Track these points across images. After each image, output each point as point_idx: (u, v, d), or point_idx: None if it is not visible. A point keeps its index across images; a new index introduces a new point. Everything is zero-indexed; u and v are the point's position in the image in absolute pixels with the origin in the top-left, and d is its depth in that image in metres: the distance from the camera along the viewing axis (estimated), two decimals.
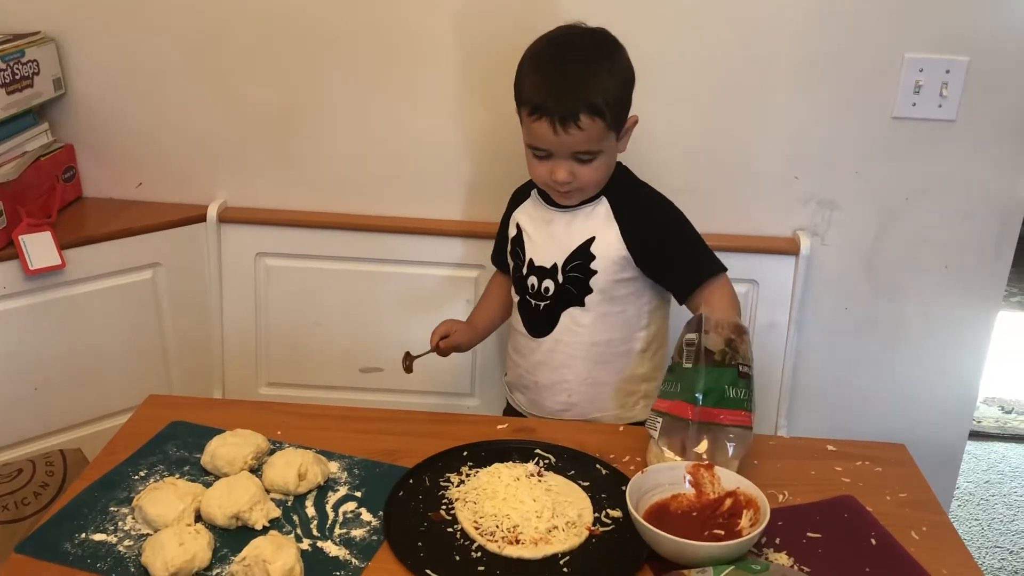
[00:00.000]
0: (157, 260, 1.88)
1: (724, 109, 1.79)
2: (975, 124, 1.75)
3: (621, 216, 1.45)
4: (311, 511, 1.18)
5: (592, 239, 1.45)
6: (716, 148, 1.82)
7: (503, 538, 1.11)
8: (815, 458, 1.32)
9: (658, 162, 1.67)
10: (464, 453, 1.29)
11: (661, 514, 1.13)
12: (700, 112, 1.80)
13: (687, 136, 1.81)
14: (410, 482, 1.22)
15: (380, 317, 1.96)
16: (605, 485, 1.22)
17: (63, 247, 1.73)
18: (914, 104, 1.74)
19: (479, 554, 1.10)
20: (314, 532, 1.14)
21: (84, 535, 1.13)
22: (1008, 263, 1.85)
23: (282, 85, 1.85)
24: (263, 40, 1.82)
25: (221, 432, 1.28)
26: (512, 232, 1.56)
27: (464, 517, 1.15)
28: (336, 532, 1.14)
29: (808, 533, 1.15)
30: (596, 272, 1.45)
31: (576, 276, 1.46)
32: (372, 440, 1.32)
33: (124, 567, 1.08)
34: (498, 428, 1.37)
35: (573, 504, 1.17)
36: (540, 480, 1.21)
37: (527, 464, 1.25)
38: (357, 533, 1.14)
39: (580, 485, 1.22)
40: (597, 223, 1.46)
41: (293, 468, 1.20)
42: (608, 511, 1.17)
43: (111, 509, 1.17)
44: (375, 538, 1.13)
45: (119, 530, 1.14)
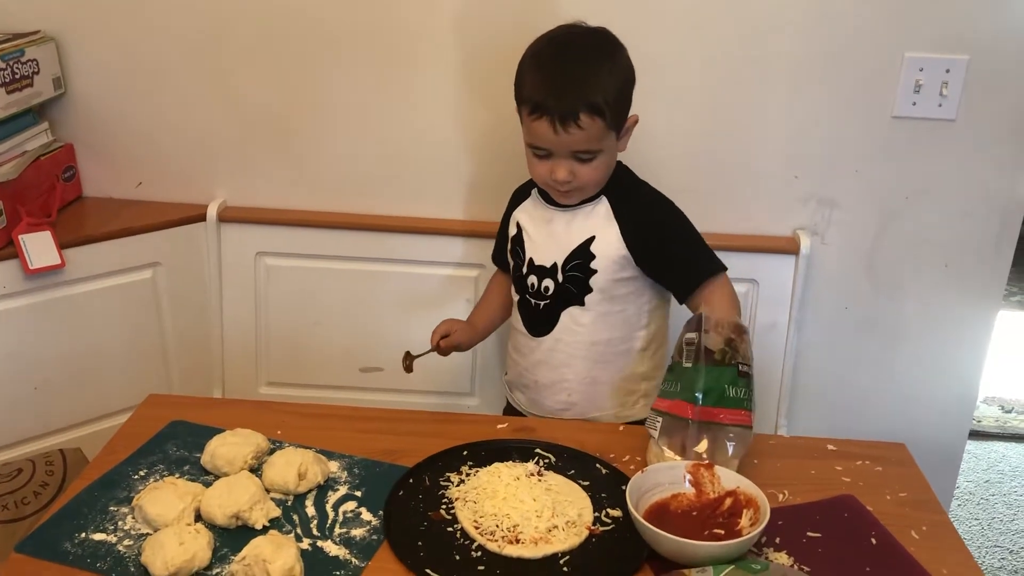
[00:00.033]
0: (157, 260, 1.88)
1: (724, 108, 1.79)
2: (975, 123, 1.75)
3: (621, 215, 1.45)
4: (311, 510, 1.18)
5: (592, 238, 1.45)
6: (716, 147, 1.82)
7: (503, 537, 1.11)
8: (815, 457, 1.32)
9: (658, 162, 1.67)
10: (464, 452, 1.29)
11: (661, 513, 1.13)
12: (700, 111, 1.80)
13: (687, 136, 1.81)
14: (410, 481, 1.22)
15: (380, 317, 1.95)
16: (605, 484, 1.22)
17: (63, 246, 1.73)
18: (914, 103, 1.74)
19: (479, 553, 1.10)
20: (314, 531, 1.14)
21: (84, 535, 1.13)
22: (1008, 262, 1.85)
23: (282, 85, 1.85)
24: (263, 40, 1.81)
25: (221, 432, 1.28)
26: (512, 231, 1.56)
27: (464, 516, 1.15)
28: (336, 531, 1.14)
29: (808, 532, 1.15)
30: (596, 271, 1.45)
31: (576, 275, 1.46)
32: (372, 439, 1.32)
33: (124, 567, 1.08)
34: (498, 427, 1.37)
35: (573, 503, 1.17)
36: (540, 479, 1.21)
37: (527, 463, 1.25)
38: (357, 532, 1.14)
39: (580, 484, 1.22)
40: (597, 222, 1.46)
41: (293, 468, 1.20)
42: (608, 510, 1.17)
43: (111, 509, 1.17)
44: (375, 537, 1.13)
45: (119, 529, 1.14)
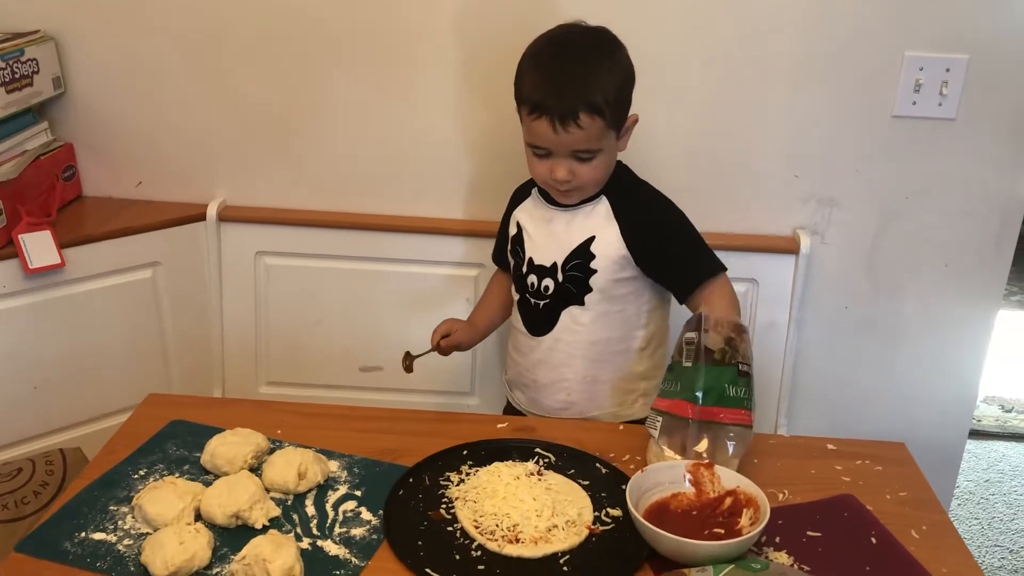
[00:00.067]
0: (157, 259, 1.88)
1: (724, 108, 1.79)
2: (975, 123, 1.75)
3: (621, 215, 1.45)
4: (311, 510, 1.18)
5: (592, 238, 1.45)
6: (716, 147, 1.82)
7: (503, 537, 1.11)
8: (815, 457, 1.32)
9: (658, 161, 1.67)
10: (464, 452, 1.29)
11: (661, 513, 1.13)
12: (700, 111, 1.80)
13: (687, 135, 1.81)
14: (410, 481, 1.22)
15: (380, 316, 1.95)
16: (605, 484, 1.22)
17: (63, 246, 1.72)
18: (914, 103, 1.74)
19: (479, 553, 1.10)
20: (314, 531, 1.14)
21: (84, 534, 1.12)
22: (1008, 262, 1.85)
23: (282, 84, 1.85)
24: (263, 39, 1.81)
25: (221, 431, 1.28)
26: (512, 231, 1.56)
27: (464, 516, 1.15)
28: (336, 531, 1.14)
29: (808, 532, 1.15)
30: (596, 271, 1.45)
31: (576, 275, 1.46)
32: (372, 439, 1.32)
33: (124, 566, 1.08)
34: (498, 427, 1.37)
35: (573, 503, 1.17)
36: (540, 479, 1.21)
37: (527, 463, 1.25)
38: (357, 532, 1.14)
39: (580, 484, 1.22)
40: (597, 222, 1.46)
41: (293, 467, 1.20)
42: (608, 510, 1.17)
43: (111, 508, 1.17)
44: (375, 537, 1.13)
45: (119, 529, 1.14)
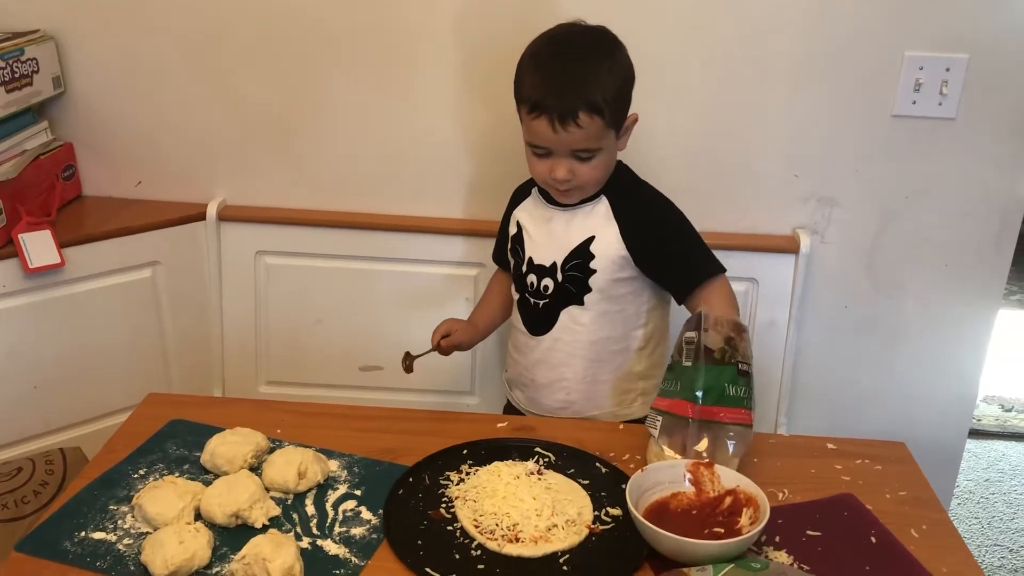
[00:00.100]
0: (157, 259, 1.88)
1: (724, 108, 1.79)
2: (975, 122, 1.75)
3: (621, 215, 1.45)
4: (311, 509, 1.18)
5: (592, 238, 1.45)
6: (716, 147, 1.82)
7: (503, 536, 1.11)
8: (815, 456, 1.32)
9: (658, 161, 1.67)
10: (464, 451, 1.29)
11: (661, 512, 1.13)
12: (700, 111, 1.80)
13: (687, 135, 1.81)
14: (410, 480, 1.22)
15: (380, 315, 1.95)
16: (605, 483, 1.22)
17: (63, 245, 1.72)
18: (914, 102, 1.74)
19: (479, 552, 1.10)
20: (314, 530, 1.14)
21: (84, 533, 1.12)
22: (1008, 261, 1.85)
23: (282, 84, 1.85)
24: (263, 39, 1.81)
25: (221, 430, 1.28)
26: (512, 230, 1.56)
27: (464, 515, 1.15)
28: (336, 530, 1.14)
29: (808, 531, 1.15)
30: (595, 271, 1.45)
31: (575, 275, 1.46)
32: (372, 438, 1.32)
33: (124, 565, 1.08)
34: (498, 426, 1.37)
35: (573, 502, 1.17)
36: (540, 478, 1.21)
37: (527, 462, 1.25)
38: (357, 531, 1.14)
39: (580, 483, 1.22)
40: (597, 222, 1.46)
41: (293, 466, 1.20)
42: (608, 509, 1.17)
43: (111, 507, 1.17)
44: (375, 536, 1.13)
45: (119, 528, 1.14)
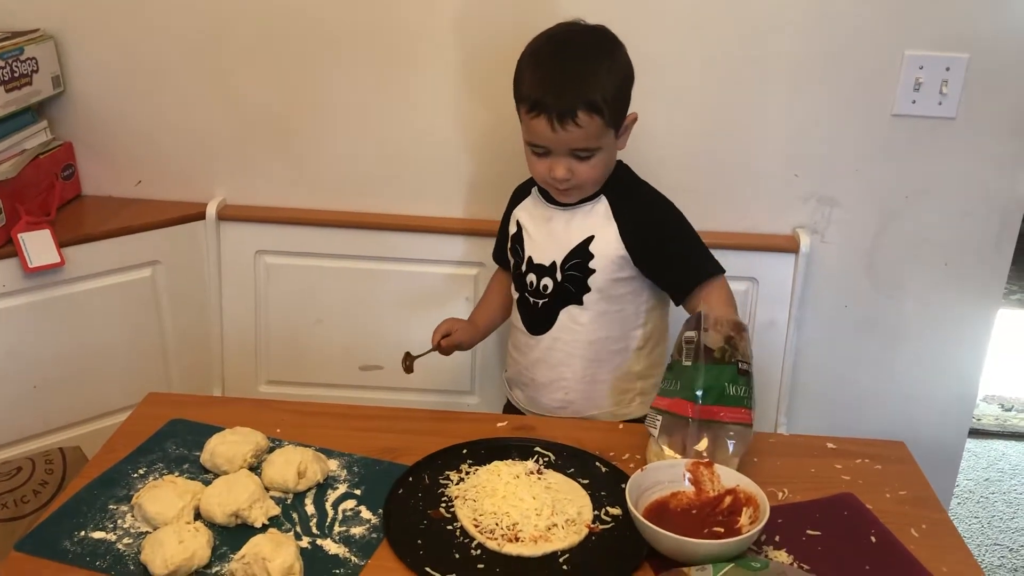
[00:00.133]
0: (156, 258, 1.88)
1: (724, 107, 1.79)
2: (975, 121, 1.75)
3: (620, 215, 1.45)
4: (310, 509, 1.18)
5: (591, 238, 1.45)
6: (716, 146, 1.82)
7: (503, 536, 1.11)
8: (815, 456, 1.32)
9: (658, 161, 1.67)
10: (464, 451, 1.29)
11: (661, 512, 1.13)
12: (700, 110, 1.79)
13: (687, 134, 1.81)
14: (410, 480, 1.22)
15: (380, 315, 1.95)
16: (605, 483, 1.22)
17: (62, 245, 1.72)
18: (914, 102, 1.74)
19: (479, 552, 1.10)
20: (313, 530, 1.14)
21: (83, 533, 1.12)
22: (1008, 261, 1.85)
23: (282, 84, 1.85)
24: (263, 39, 1.81)
25: (220, 430, 1.28)
26: (512, 229, 1.56)
27: (464, 515, 1.15)
28: (336, 530, 1.14)
29: (808, 531, 1.15)
30: (594, 271, 1.45)
31: (574, 274, 1.46)
32: (372, 438, 1.32)
33: (123, 565, 1.08)
34: (498, 426, 1.37)
35: (573, 502, 1.17)
36: (540, 478, 1.21)
37: (527, 462, 1.25)
38: (357, 531, 1.14)
39: (580, 483, 1.22)
40: (596, 222, 1.45)
41: (292, 466, 1.20)
42: (608, 509, 1.17)
43: (110, 507, 1.17)
44: (374, 536, 1.13)
45: (118, 528, 1.14)
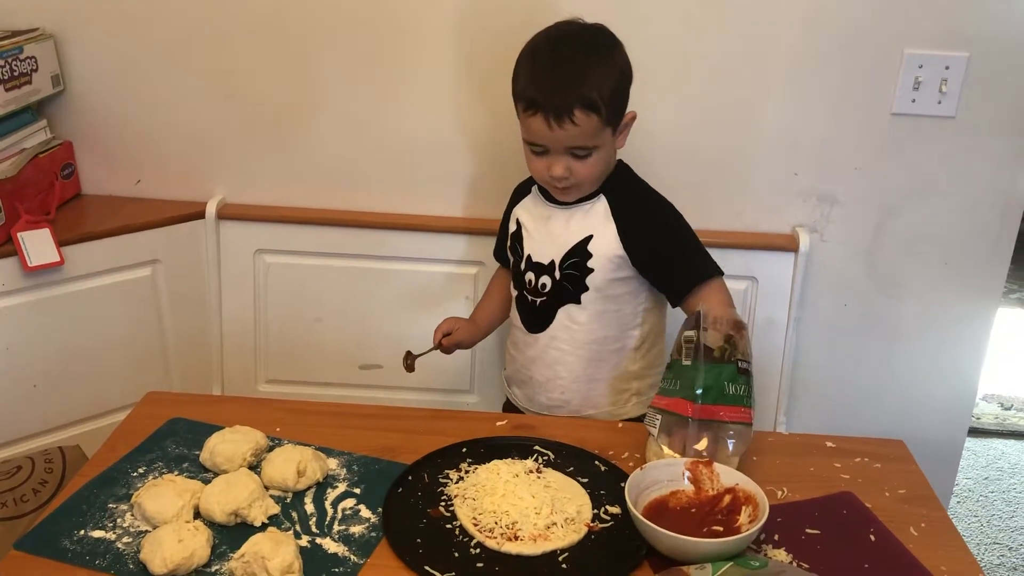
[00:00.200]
0: (156, 257, 1.88)
1: (723, 106, 1.79)
2: (975, 120, 1.75)
3: (619, 215, 1.45)
4: (310, 508, 1.18)
5: (590, 237, 1.45)
6: (715, 145, 1.82)
7: (502, 535, 1.11)
8: (814, 454, 1.32)
9: (657, 159, 1.67)
10: (463, 450, 1.29)
11: (660, 510, 1.13)
12: (699, 109, 1.79)
13: (686, 133, 1.81)
14: (409, 479, 1.22)
15: (379, 314, 1.95)
16: (604, 482, 1.22)
17: (62, 244, 1.72)
18: (913, 100, 1.74)
19: (478, 551, 1.10)
20: (313, 529, 1.14)
21: (83, 532, 1.12)
22: (1007, 259, 1.85)
23: (281, 82, 1.85)
24: (262, 37, 1.81)
25: (220, 429, 1.28)
26: (512, 227, 1.56)
27: (463, 514, 1.15)
28: (335, 529, 1.14)
29: (807, 529, 1.15)
30: (593, 270, 1.45)
31: (573, 274, 1.46)
32: (371, 437, 1.32)
33: (123, 564, 1.08)
34: (497, 425, 1.37)
35: (572, 500, 1.17)
36: (539, 477, 1.21)
37: (526, 461, 1.25)
38: (356, 530, 1.14)
39: (579, 481, 1.22)
40: (595, 221, 1.45)
41: (292, 465, 1.20)
42: (607, 507, 1.17)
43: (110, 506, 1.17)
44: (374, 535, 1.13)
45: (118, 527, 1.14)
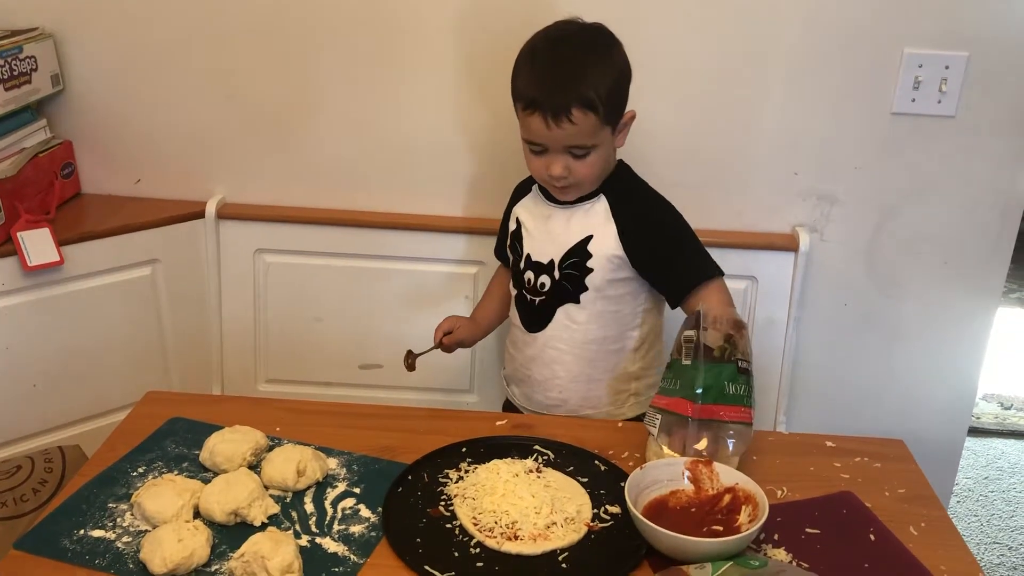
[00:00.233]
0: (156, 256, 1.88)
1: (723, 105, 1.79)
2: (974, 120, 1.75)
3: (619, 215, 1.45)
4: (310, 507, 1.18)
5: (589, 237, 1.45)
6: (715, 144, 1.82)
7: (502, 534, 1.11)
8: (814, 454, 1.32)
9: (657, 158, 1.67)
10: (463, 449, 1.29)
11: (660, 510, 1.13)
12: (699, 108, 1.79)
13: (686, 132, 1.81)
14: (409, 478, 1.22)
15: (379, 313, 1.95)
16: (604, 481, 1.22)
17: (62, 243, 1.72)
18: (913, 100, 1.74)
19: (478, 550, 1.10)
20: (313, 528, 1.14)
21: (83, 531, 1.12)
22: (1007, 259, 1.85)
23: (281, 81, 1.85)
24: (262, 36, 1.81)
25: (220, 428, 1.28)
26: (512, 226, 1.56)
27: (463, 513, 1.15)
28: (335, 528, 1.14)
29: (807, 529, 1.15)
30: (592, 270, 1.45)
31: (572, 273, 1.46)
32: (371, 436, 1.32)
33: (122, 563, 1.08)
34: (497, 424, 1.37)
35: (572, 500, 1.17)
36: (539, 476, 1.21)
37: (526, 460, 1.25)
38: (356, 529, 1.14)
39: (579, 481, 1.22)
40: (595, 221, 1.45)
41: (292, 464, 1.20)
42: (607, 507, 1.17)
43: (110, 505, 1.17)
44: (374, 534, 1.13)
45: (118, 526, 1.14)
